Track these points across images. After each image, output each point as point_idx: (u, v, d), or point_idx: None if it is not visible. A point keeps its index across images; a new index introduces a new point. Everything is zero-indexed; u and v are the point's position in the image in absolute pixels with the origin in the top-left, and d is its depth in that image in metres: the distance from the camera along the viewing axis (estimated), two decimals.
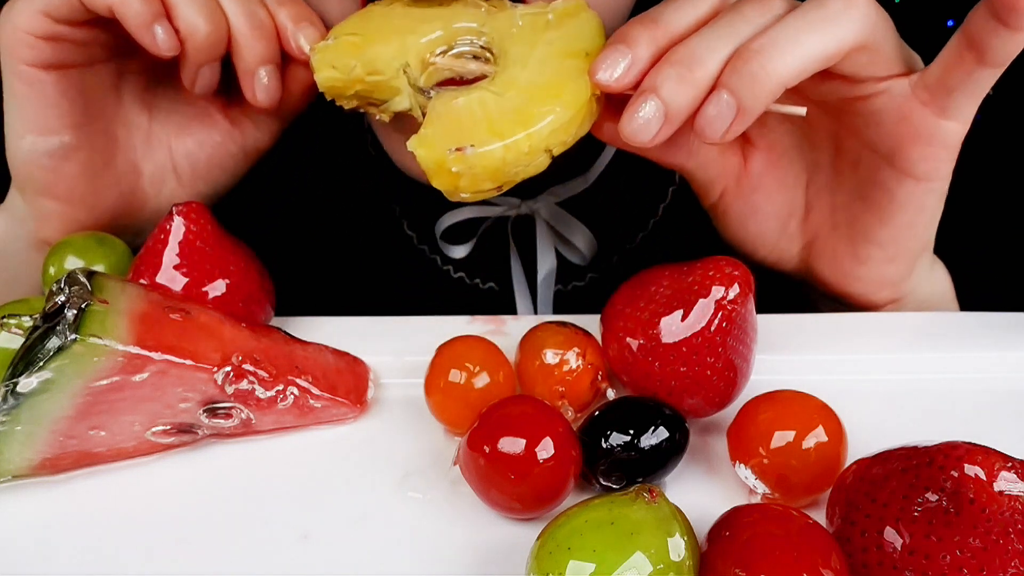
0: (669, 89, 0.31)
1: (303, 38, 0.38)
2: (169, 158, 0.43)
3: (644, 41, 0.32)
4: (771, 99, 0.32)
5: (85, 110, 0.40)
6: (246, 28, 0.37)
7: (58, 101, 0.38)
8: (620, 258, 0.54)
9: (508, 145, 0.31)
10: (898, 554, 0.25)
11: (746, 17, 0.32)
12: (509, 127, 0.32)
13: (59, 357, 0.29)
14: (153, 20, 0.36)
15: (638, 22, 0.33)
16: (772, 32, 0.32)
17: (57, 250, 0.38)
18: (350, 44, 0.37)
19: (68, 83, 0.38)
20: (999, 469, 0.24)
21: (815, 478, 0.29)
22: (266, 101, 0.39)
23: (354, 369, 0.35)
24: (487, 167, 0.32)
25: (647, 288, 0.32)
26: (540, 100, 0.33)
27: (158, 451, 0.33)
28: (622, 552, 0.24)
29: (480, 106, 0.33)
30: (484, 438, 0.29)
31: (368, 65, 0.36)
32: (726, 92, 0.31)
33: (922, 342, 0.38)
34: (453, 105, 0.33)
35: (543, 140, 0.32)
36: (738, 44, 0.32)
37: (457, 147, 0.31)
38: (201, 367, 0.31)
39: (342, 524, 0.30)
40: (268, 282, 0.38)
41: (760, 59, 0.31)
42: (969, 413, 0.34)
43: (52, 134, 0.39)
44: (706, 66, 0.31)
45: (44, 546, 0.30)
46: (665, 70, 0.32)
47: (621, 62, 0.32)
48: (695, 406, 0.32)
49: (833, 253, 0.40)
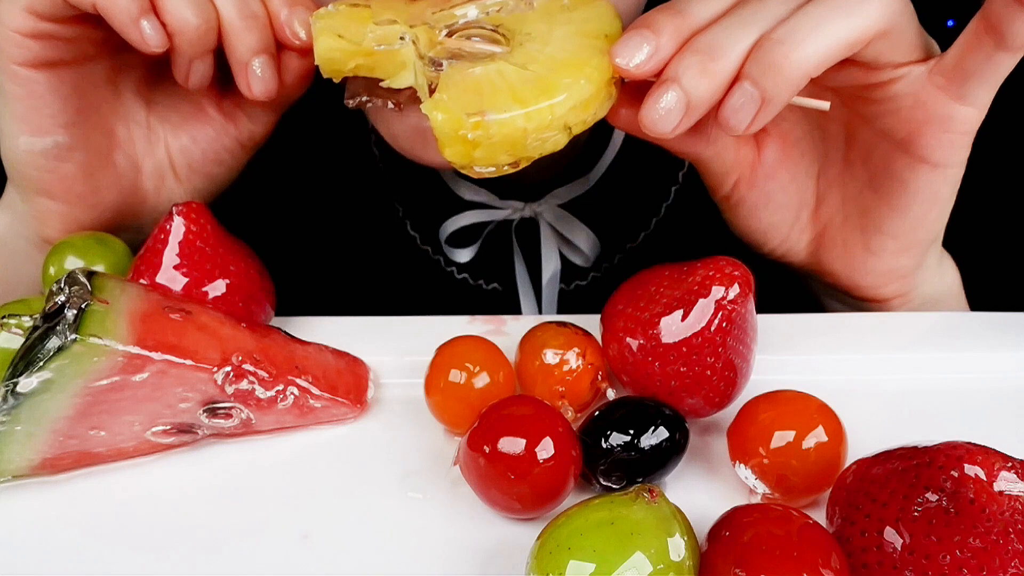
0: (691, 79, 0.31)
1: (298, 23, 0.37)
2: (167, 154, 0.43)
3: (668, 29, 0.32)
4: (795, 90, 0.31)
5: (79, 108, 0.39)
6: (237, 18, 0.36)
7: (50, 100, 0.38)
8: (623, 257, 0.54)
9: (530, 113, 0.31)
10: (898, 554, 0.25)
11: (768, 6, 0.32)
12: (532, 95, 0.31)
13: (59, 357, 0.29)
14: (140, 15, 0.35)
15: (662, 10, 0.33)
16: (795, 20, 0.31)
17: (57, 250, 0.38)
18: (354, 13, 0.36)
19: (60, 81, 0.38)
20: (999, 469, 0.24)
21: (815, 478, 0.29)
22: (262, 94, 0.38)
23: (354, 369, 0.35)
24: (507, 136, 0.31)
25: (647, 288, 0.32)
26: (563, 73, 0.32)
27: (158, 451, 0.33)
28: (622, 552, 0.24)
29: (499, 76, 0.32)
30: (484, 438, 0.29)
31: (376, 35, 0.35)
32: (749, 82, 0.31)
33: (922, 342, 0.38)
34: (470, 74, 0.32)
35: (565, 113, 0.31)
36: (761, 33, 0.31)
37: (476, 112, 0.30)
38: (201, 367, 0.31)
39: (342, 524, 0.30)
40: (268, 282, 0.38)
41: (783, 48, 0.30)
42: (969, 413, 0.34)
43: (46, 134, 0.38)
44: (728, 56, 0.31)
45: (44, 546, 0.30)
46: (687, 59, 0.31)
47: (644, 47, 0.32)
48: (695, 406, 0.32)
49: (844, 244, 0.40)
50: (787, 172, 0.39)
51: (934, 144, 0.35)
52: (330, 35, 0.35)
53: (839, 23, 0.31)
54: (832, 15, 0.31)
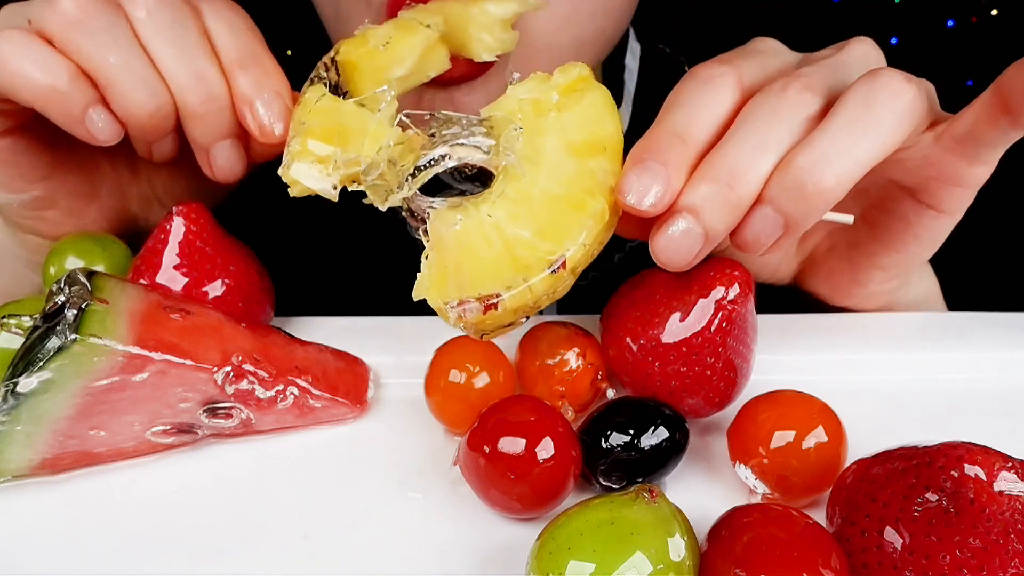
0: (710, 211, 0.28)
1: (272, 116, 0.33)
2: (150, 188, 0.42)
3: (674, 160, 0.29)
4: (821, 214, 0.29)
5: (53, 160, 0.37)
6: (195, 102, 0.33)
7: (20, 161, 0.36)
8: (623, 256, 0.54)
9: (534, 285, 0.28)
10: (898, 554, 0.25)
11: (782, 119, 0.29)
12: (535, 260, 0.28)
13: (59, 357, 0.29)
14: (85, 108, 0.31)
15: (661, 135, 0.30)
16: (820, 144, 0.29)
17: (57, 250, 0.38)
18: (330, 112, 0.31)
19: (26, 141, 0.36)
20: (999, 469, 0.24)
21: (815, 478, 0.29)
22: (226, 176, 0.35)
23: (354, 369, 0.35)
24: (517, 309, 0.28)
25: (647, 288, 0.32)
26: (564, 218, 0.29)
27: (158, 451, 0.33)
28: (622, 552, 0.24)
29: (496, 232, 0.29)
30: (484, 438, 0.29)
31: (358, 163, 0.30)
32: (772, 208, 0.29)
33: (922, 342, 0.38)
34: (455, 232, 0.29)
35: (573, 264, 0.29)
36: (781, 154, 0.29)
37: (481, 297, 0.28)
38: (201, 367, 0.31)
39: (342, 524, 0.30)
40: (268, 282, 0.38)
41: (810, 175, 0.28)
42: (969, 413, 0.34)
43: (23, 191, 0.37)
44: (748, 183, 0.29)
45: (44, 546, 0.30)
46: (703, 188, 0.28)
47: (654, 187, 0.28)
48: (695, 406, 0.32)
49: (829, 273, 0.40)
50: None
51: (943, 195, 0.34)
52: (307, 157, 0.30)
53: (867, 143, 0.29)
54: (862, 135, 0.29)
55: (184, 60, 0.33)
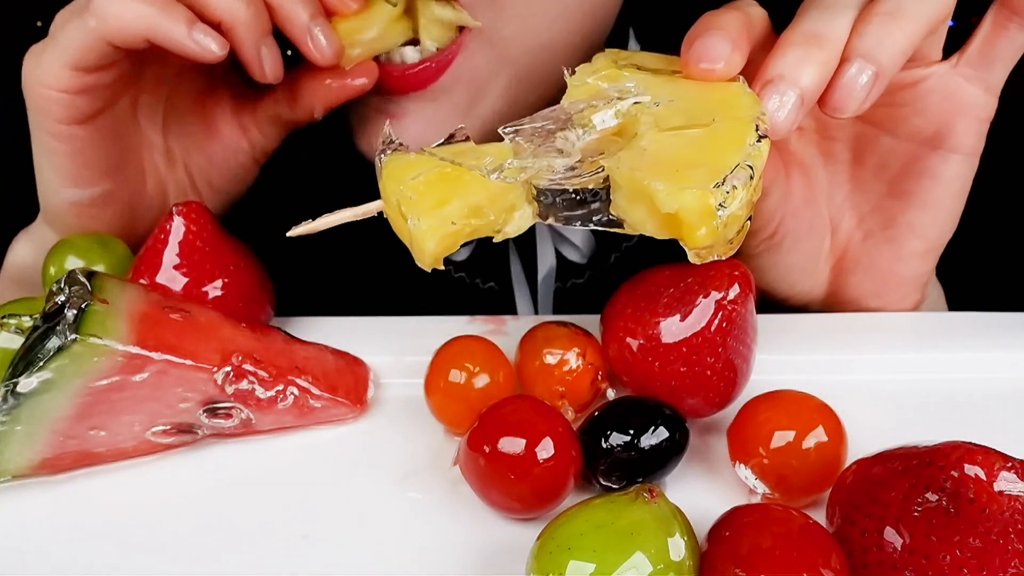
0: (802, 71, 0.30)
1: None
2: (187, 175, 0.43)
3: (734, 31, 0.31)
4: (908, 53, 0.31)
5: (120, 153, 0.39)
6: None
7: (94, 152, 0.37)
8: (620, 256, 0.54)
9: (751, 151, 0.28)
10: (898, 554, 0.25)
11: None
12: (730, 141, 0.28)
13: (59, 357, 0.29)
14: (190, 27, 0.34)
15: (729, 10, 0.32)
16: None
17: (57, 250, 0.38)
18: (439, 180, 0.29)
19: (100, 131, 0.37)
20: (999, 469, 0.24)
21: (815, 478, 0.29)
22: (330, 54, 0.37)
23: (354, 369, 0.35)
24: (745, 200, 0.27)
25: (647, 288, 0.32)
26: (722, 112, 0.29)
27: (158, 451, 0.33)
28: (622, 552, 0.24)
29: (684, 140, 0.28)
30: (484, 438, 0.29)
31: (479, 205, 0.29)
32: (861, 59, 0.30)
33: (922, 342, 0.38)
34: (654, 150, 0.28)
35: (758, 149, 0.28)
36: (856, 12, 0.31)
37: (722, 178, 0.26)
38: (201, 367, 0.31)
39: (342, 524, 0.30)
40: (268, 282, 0.38)
41: (895, 20, 0.31)
42: (969, 413, 0.34)
43: (91, 186, 0.38)
44: (832, 41, 0.31)
45: (44, 546, 0.30)
46: (790, 53, 0.30)
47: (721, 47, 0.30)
48: (695, 406, 0.32)
49: (869, 262, 0.40)
50: (811, 200, 0.39)
51: (966, 131, 0.36)
52: (434, 233, 0.29)
53: None
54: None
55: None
